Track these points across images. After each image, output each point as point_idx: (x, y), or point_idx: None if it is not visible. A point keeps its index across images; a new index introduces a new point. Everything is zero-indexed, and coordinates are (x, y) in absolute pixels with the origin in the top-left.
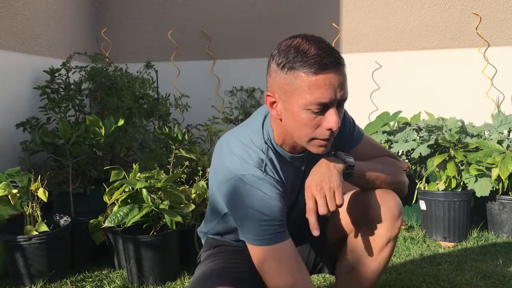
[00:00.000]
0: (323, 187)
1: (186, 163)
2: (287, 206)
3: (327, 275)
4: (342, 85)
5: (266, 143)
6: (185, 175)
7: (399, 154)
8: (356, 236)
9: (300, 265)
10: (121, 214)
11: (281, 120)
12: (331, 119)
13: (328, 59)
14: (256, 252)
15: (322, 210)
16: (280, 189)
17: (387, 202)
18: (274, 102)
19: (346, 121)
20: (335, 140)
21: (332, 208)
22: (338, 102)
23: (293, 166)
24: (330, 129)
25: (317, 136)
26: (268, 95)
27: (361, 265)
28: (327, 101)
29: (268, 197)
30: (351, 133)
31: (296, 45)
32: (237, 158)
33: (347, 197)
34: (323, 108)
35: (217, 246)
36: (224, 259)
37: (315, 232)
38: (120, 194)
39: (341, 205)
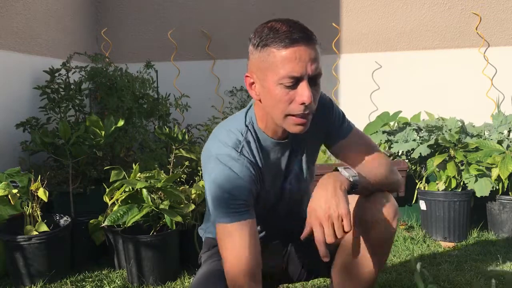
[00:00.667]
0: (331, 215)
1: (186, 163)
2: (257, 190)
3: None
4: (313, 60)
5: (246, 126)
6: (185, 175)
7: (399, 154)
8: (350, 240)
9: (254, 245)
10: (120, 213)
11: (260, 101)
12: (303, 92)
13: (298, 34)
14: (218, 229)
15: (330, 240)
16: (253, 172)
17: (381, 203)
18: (253, 83)
19: (335, 113)
20: (324, 129)
21: (339, 235)
22: (311, 77)
23: (275, 151)
24: (303, 103)
25: (292, 111)
26: (247, 76)
27: (356, 267)
28: (298, 74)
29: (236, 176)
30: (340, 125)
31: (270, 26)
32: (218, 141)
33: None
34: (295, 82)
35: (215, 245)
36: None
37: (325, 259)
38: (121, 194)
39: (348, 232)
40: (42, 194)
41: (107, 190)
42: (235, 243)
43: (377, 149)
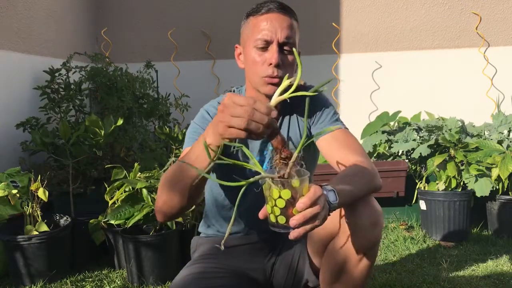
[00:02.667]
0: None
1: None
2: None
3: None
4: (284, 28)
5: (233, 88)
6: None
7: (399, 154)
8: (336, 246)
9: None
10: (121, 213)
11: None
12: (271, 54)
13: (274, 5)
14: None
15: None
16: None
17: (363, 210)
18: (240, 53)
19: (329, 109)
20: (314, 119)
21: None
22: (281, 44)
23: None
24: (270, 64)
25: (264, 73)
26: (236, 47)
27: (344, 275)
28: (269, 38)
29: (207, 115)
30: (329, 119)
31: (256, 3)
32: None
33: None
34: (266, 45)
35: (202, 244)
36: (205, 263)
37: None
38: (121, 194)
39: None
40: (41, 194)
41: (107, 189)
42: (185, 157)
43: (362, 152)
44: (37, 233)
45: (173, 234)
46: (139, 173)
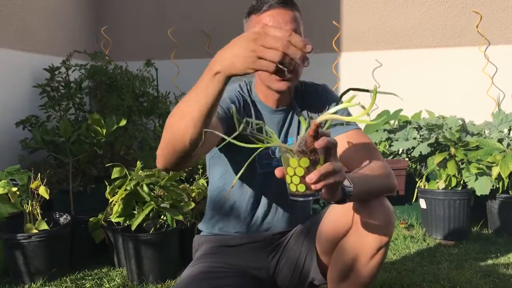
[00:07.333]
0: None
1: None
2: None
3: None
4: (288, 22)
5: (246, 83)
6: (185, 173)
7: (399, 152)
8: (346, 244)
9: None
10: (126, 212)
11: None
12: None
13: (274, 0)
14: None
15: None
16: (237, 103)
17: (376, 208)
18: None
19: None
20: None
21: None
22: None
23: (264, 116)
24: None
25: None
26: None
27: (353, 273)
28: None
29: (226, 94)
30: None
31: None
32: None
33: (335, 206)
34: None
35: (203, 242)
36: (209, 263)
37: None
38: (123, 192)
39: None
40: (43, 191)
41: (109, 188)
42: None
43: (376, 153)
44: (37, 231)
45: (173, 232)
46: (140, 171)
